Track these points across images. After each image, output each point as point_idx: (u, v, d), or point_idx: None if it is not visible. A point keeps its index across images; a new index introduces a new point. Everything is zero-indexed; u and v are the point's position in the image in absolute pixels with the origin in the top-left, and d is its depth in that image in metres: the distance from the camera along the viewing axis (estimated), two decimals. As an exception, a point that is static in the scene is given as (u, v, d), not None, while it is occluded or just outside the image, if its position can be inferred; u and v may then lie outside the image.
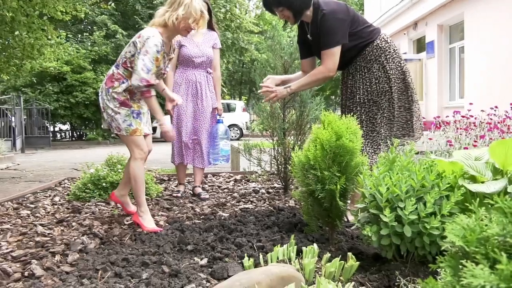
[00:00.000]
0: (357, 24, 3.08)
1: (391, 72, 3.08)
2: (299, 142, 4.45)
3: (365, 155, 2.74)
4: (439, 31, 13.36)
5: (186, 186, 4.76)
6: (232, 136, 20.46)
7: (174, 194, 4.45)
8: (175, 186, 4.86)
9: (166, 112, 4.37)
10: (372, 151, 3.08)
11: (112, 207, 3.83)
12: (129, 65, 3.14)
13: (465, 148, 4.25)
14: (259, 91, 3.42)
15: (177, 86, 4.41)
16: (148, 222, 3.17)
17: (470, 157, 2.18)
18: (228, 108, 21.60)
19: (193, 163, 4.52)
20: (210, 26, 4.55)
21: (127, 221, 3.34)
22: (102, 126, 3.51)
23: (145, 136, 3.29)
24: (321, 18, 3.00)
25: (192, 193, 4.56)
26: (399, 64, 3.13)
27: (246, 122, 21.16)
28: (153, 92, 3.17)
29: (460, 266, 0.96)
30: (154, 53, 3.03)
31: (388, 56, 3.10)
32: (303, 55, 3.40)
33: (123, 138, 3.23)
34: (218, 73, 4.63)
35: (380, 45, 3.11)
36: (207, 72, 4.51)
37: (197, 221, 3.32)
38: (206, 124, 4.48)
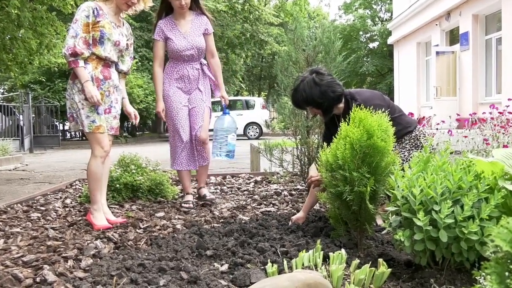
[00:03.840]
0: (393, 111, 3.16)
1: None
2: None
3: None
4: (474, 21, 13.17)
5: (194, 196, 4.41)
6: (251, 135, 20.47)
7: (186, 206, 4.06)
8: (181, 198, 4.43)
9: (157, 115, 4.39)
10: None
11: (126, 210, 3.86)
12: None
13: (504, 146, 4.19)
14: (306, 183, 3.61)
15: (168, 82, 4.22)
16: (99, 220, 3.34)
17: (511, 156, 2.15)
18: (247, 105, 21.64)
19: (197, 162, 4.29)
20: (196, 8, 4.31)
21: (142, 224, 3.36)
22: (68, 128, 3.71)
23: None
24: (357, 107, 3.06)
25: (197, 195, 4.38)
26: None
27: (266, 120, 21.13)
28: (81, 63, 3.21)
29: (507, 273, 0.95)
30: (82, 18, 3.23)
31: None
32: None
33: (86, 135, 3.38)
34: (216, 59, 4.39)
35: (418, 136, 3.22)
36: (201, 63, 4.32)
37: (216, 224, 3.34)
38: (205, 118, 4.25)
